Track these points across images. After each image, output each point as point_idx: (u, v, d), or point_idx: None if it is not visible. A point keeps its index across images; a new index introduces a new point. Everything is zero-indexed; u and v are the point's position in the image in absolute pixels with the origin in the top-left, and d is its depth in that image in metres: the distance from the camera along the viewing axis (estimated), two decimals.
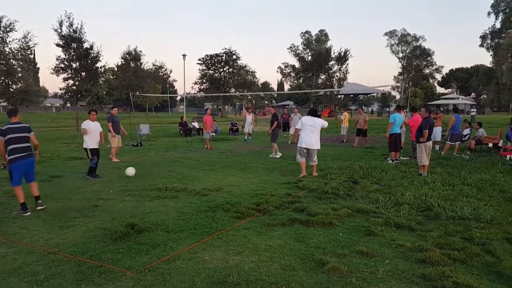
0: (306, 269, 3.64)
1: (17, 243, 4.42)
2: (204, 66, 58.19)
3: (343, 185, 7.21)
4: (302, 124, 8.47)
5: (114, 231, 4.68)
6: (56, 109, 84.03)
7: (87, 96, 38.45)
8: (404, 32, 67.25)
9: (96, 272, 3.59)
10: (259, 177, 8.41)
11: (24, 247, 4.27)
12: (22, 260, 3.92)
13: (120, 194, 6.89)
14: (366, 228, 4.77)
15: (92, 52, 39.30)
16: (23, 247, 4.29)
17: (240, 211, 5.50)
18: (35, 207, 5.86)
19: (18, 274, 3.58)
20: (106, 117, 11.53)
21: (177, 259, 3.89)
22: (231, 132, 22.68)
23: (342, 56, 47.59)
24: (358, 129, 15.27)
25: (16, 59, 38.37)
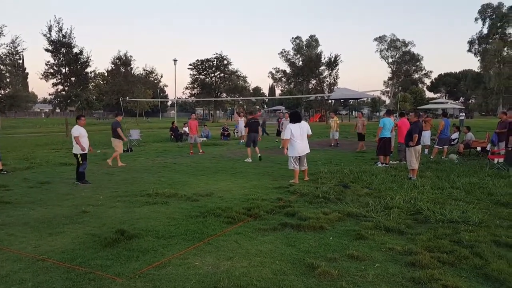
0: (297, 273, 3.65)
1: (5, 250, 4.35)
2: (195, 71, 58.19)
3: (333, 189, 7.25)
4: (292, 133, 8.30)
5: (104, 237, 4.63)
6: (46, 115, 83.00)
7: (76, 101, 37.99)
8: (394, 37, 68.11)
9: (86, 279, 3.54)
10: (250, 182, 8.41)
11: (12, 254, 4.21)
12: (9, 267, 3.85)
13: (110, 200, 6.82)
14: (356, 232, 4.79)
15: (81, 57, 38.96)
16: (11, 254, 4.22)
17: (231, 216, 5.49)
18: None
19: (5, 282, 3.52)
20: (113, 123, 11.57)
21: (167, 265, 3.86)
22: (222, 137, 22.67)
23: (333, 61, 48.09)
24: (358, 133, 15.40)
25: (4, 64, 37.86)
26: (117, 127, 11.42)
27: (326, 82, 50.11)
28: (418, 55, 70.05)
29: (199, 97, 55.23)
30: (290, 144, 8.37)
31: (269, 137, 23.01)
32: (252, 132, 12.53)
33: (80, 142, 8.39)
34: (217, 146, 18.12)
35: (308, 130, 8.50)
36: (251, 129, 12.57)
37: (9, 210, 6.15)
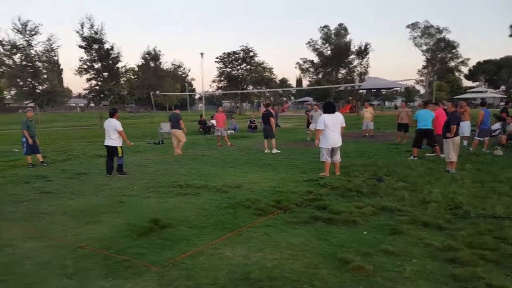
0: (330, 267, 3.60)
1: (48, 237, 4.57)
2: (221, 64, 58.44)
3: (367, 182, 7.07)
4: (325, 124, 8.03)
5: (139, 226, 4.78)
6: (80, 109, 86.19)
7: (109, 95, 39.15)
8: (427, 24, 65.26)
9: (123, 266, 3.67)
10: (279, 175, 8.37)
11: (54, 242, 4.42)
12: (52, 254, 4.05)
13: (144, 190, 7.01)
14: (391, 227, 4.66)
15: (112, 52, 39.97)
16: (53, 241, 4.43)
17: (261, 208, 5.49)
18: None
19: (49, 267, 3.70)
20: (174, 116, 12.51)
21: (200, 255, 3.92)
22: (249, 130, 22.71)
23: (363, 50, 46.76)
24: (399, 123, 14.74)
25: (41, 61, 39.40)
26: (178, 118, 12.31)
27: (357, 72, 48.88)
28: (454, 42, 66.97)
29: (225, 90, 55.51)
30: (323, 135, 8.11)
31: (298, 130, 22.86)
32: (264, 124, 12.59)
33: (118, 135, 8.65)
34: (245, 139, 18.19)
35: (342, 121, 8.26)
36: (263, 121, 12.65)
37: (50, 200, 6.45)
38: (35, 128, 10.57)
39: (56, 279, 3.45)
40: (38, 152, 10.47)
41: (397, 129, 15.01)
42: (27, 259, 3.93)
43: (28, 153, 10.25)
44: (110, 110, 9.21)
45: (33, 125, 10.43)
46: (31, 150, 10.26)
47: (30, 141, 10.09)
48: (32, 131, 10.27)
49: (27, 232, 4.78)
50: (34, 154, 10.35)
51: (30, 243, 4.39)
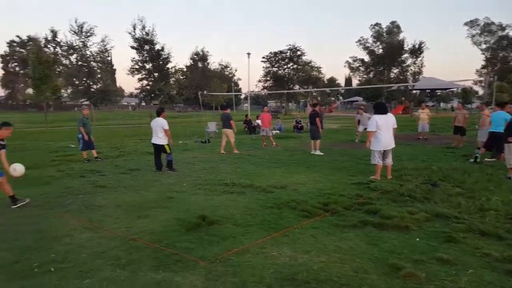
0: (380, 273, 3.47)
1: (102, 229, 4.80)
2: (268, 64, 58.59)
3: (420, 187, 6.74)
4: (377, 125, 7.73)
5: (187, 222, 4.90)
6: (132, 108, 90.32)
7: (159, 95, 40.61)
8: (488, 21, 61.10)
9: (172, 260, 3.78)
10: (326, 176, 8.21)
11: (108, 233, 4.63)
12: (106, 244, 4.25)
13: (192, 187, 7.19)
14: (446, 234, 4.41)
15: (163, 53, 41.40)
16: (107, 233, 4.65)
17: (307, 210, 5.42)
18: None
19: (103, 257, 3.89)
20: (227, 115, 12.89)
21: (246, 253, 3.94)
22: (295, 130, 22.56)
23: (417, 48, 44.75)
24: (456, 126, 13.99)
25: (96, 61, 41.76)
26: (229, 118, 12.69)
27: (410, 71, 46.90)
28: None
29: (271, 89, 55.63)
30: (375, 137, 7.81)
31: (346, 131, 22.38)
32: (310, 125, 12.47)
33: (165, 133, 8.94)
34: (291, 139, 18.08)
35: (394, 123, 7.95)
36: (309, 121, 12.56)
37: (104, 193, 6.79)
38: (90, 125, 11.16)
39: (110, 268, 3.61)
40: (93, 148, 11.06)
41: (453, 132, 14.20)
42: (84, 248, 4.14)
43: (83, 148, 10.84)
44: (158, 109, 9.52)
45: (89, 123, 11.03)
46: (87, 146, 10.84)
47: (85, 138, 10.66)
48: (88, 128, 10.84)
49: (83, 224, 5.04)
50: (89, 149, 10.94)
51: (86, 234, 4.62)
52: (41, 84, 22.23)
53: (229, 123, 12.69)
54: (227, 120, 12.76)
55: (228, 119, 12.75)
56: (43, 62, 22.05)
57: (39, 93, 22.71)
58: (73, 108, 75.92)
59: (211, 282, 3.31)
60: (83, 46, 40.39)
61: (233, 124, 12.72)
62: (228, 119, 12.75)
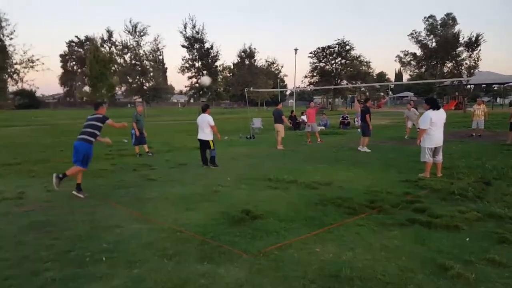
0: (427, 272, 3.36)
1: (151, 221, 5.02)
2: (315, 59, 57.77)
3: (472, 186, 6.41)
4: (432, 121, 7.38)
5: (232, 215, 5.00)
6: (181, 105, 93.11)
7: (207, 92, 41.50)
8: None
9: (217, 252, 3.88)
10: (373, 174, 8.02)
11: (156, 225, 4.83)
12: (154, 236, 4.43)
13: (236, 182, 7.32)
14: (499, 235, 4.18)
15: (212, 51, 42.15)
16: (156, 224, 4.85)
17: (352, 207, 5.33)
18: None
19: (151, 248, 4.05)
20: (276, 111, 13.29)
21: (289, 248, 3.97)
22: (342, 126, 22.14)
23: (473, 41, 42.10)
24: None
25: (148, 60, 43.32)
26: (281, 114, 13.05)
27: (465, 65, 44.26)
28: None
29: (317, 85, 54.82)
30: (427, 134, 7.48)
31: (396, 127, 21.60)
32: (360, 121, 12.27)
33: (211, 129, 9.12)
34: (336, 135, 17.79)
35: (445, 118, 7.65)
36: (360, 117, 12.41)
37: (154, 187, 7.10)
38: (143, 122, 11.68)
39: (157, 259, 3.75)
40: (145, 143, 11.57)
41: (509, 129, 13.33)
42: (133, 239, 4.30)
43: (136, 143, 11.38)
44: (203, 105, 9.76)
45: (142, 119, 11.56)
46: (139, 141, 11.37)
47: (137, 133, 11.19)
48: (141, 124, 11.36)
49: (133, 215, 5.28)
50: (141, 144, 11.46)
51: (135, 225, 4.79)
52: (97, 82, 23.51)
53: (280, 119, 13.00)
54: (278, 116, 13.08)
55: (279, 114, 13.05)
56: (99, 61, 23.31)
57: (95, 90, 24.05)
58: (127, 105, 79.40)
59: (254, 275, 3.37)
60: (136, 45, 42.04)
61: (285, 119, 13.08)
62: (279, 114, 13.05)
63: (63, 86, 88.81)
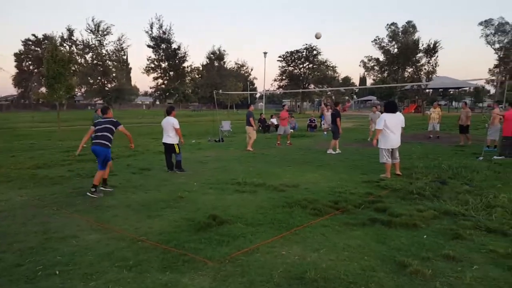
0: (387, 270, 3.49)
1: (110, 230, 4.79)
2: (284, 63, 58.54)
3: (429, 185, 6.74)
4: (385, 123, 7.83)
5: (197, 222, 4.91)
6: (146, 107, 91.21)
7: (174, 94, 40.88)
8: (502, 20, 60.00)
9: (180, 261, 3.77)
10: (338, 175, 8.22)
11: (116, 234, 4.61)
12: (114, 245, 4.23)
13: (203, 187, 7.23)
14: (453, 231, 4.44)
15: (179, 52, 41.55)
16: (115, 233, 4.63)
17: (318, 208, 5.43)
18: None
19: (110, 259, 3.86)
20: (248, 113, 13.37)
21: (256, 252, 3.97)
22: (309, 129, 22.51)
23: (431, 48, 44.30)
24: (460, 125, 14.14)
25: (111, 60, 42.12)
26: (249, 116, 13.07)
27: (424, 70, 46.45)
28: None
29: (286, 88, 55.52)
30: (383, 136, 7.90)
31: (360, 129, 22.19)
32: (331, 124, 12.46)
33: (176, 133, 8.88)
34: (304, 138, 18.07)
35: (402, 122, 8.00)
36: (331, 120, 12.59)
37: (114, 193, 6.78)
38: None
39: (117, 270, 3.59)
40: None
41: (460, 131, 14.24)
42: (90, 250, 4.09)
43: None
44: (168, 108, 9.39)
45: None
46: None
47: None
48: None
49: (91, 224, 4.97)
50: None
51: (93, 235, 4.57)
52: (55, 82, 22.51)
53: (248, 121, 13.08)
54: (247, 118, 13.19)
55: (248, 116, 13.17)
56: (57, 61, 22.33)
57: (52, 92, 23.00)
58: (86, 107, 76.66)
59: (218, 283, 3.33)
60: (99, 44, 40.82)
61: (252, 121, 13.05)
62: (248, 116, 13.17)
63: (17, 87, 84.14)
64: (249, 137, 13.18)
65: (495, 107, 13.07)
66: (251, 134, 13.14)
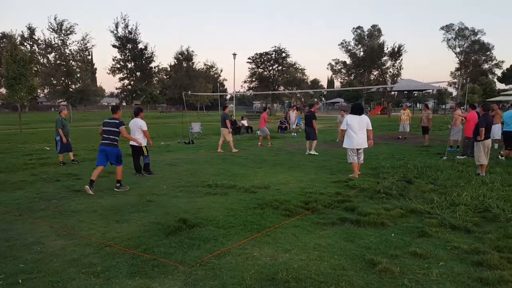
0: (357, 269, 3.56)
1: (76, 235, 4.63)
2: (253, 65, 58.75)
3: (396, 184, 6.95)
4: (348, 124, 8.16)
5: (167, 225, 4.82)
6: None
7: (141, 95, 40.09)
8: (462, 26, 63.16)
9: (150, 266, 3.69)
10: (308, 176, 8.33)
11: (82, 240, 4.46)
12: (80, 251, 4.09)
13: (173, 190, 7.12)
14: (420, 229, 4.59)
15: (146, 52, 40.81)
16: (81, 239, 4.48)
17: (289, 209, 5.48)
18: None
19: (77, 265, 3.73)
20: (223, 115, 13.38)
21: (227, 255, 3.94)
22: (280, 130, 22.69)
23: (396, 51, 45.87)
24: (423, 127, 14.74)
25: (75, 60, 40.62)
26: (225, 118, 13.06)
27: (389, 73, 48.00)
28: (489, 44, 64.47)
29: (257, 90, 55.74)
30: (347, 136, 8.21)
31: (329, 131, 22.61)
32: (306, 126, 12.54)
33: (143, 135, 8.73)
34: (275, 139, 18.16)
35: (368, 124, 8.24)
36: (305, 123, 12.65)
37: (80, 198, 6.55)
38: (69, 127, 10.81)
39: (83, 277, 3.48)
40: (71, 151, 10.77)
41: (422, 132, 14.93)
42: (55, 256, 3.95)
43: (61, 151, 10.43)
44: (135, 109, 9.27)
45: (67, 124, 10.68)
46: (65, 149, 10.50)
47: (64, 140, 10.31)
48: (66, 130, 10.48)
49: (56, 230, 4.83)
50: (67, 152, 10.61)
51: (58, 241, 4.42)
52: (15, 83, 21.50)
53: (224, 123, 13.07)
54: (222, 119, 13.18)
55: (223, 118, 13.20)
56: (17, 61, 21.35)
57: (13, 93, 21.95)
58: (50, 108, 73.80)
59: (189, 287, 3.27)
60: (62, 44, 39.30)
61: (228, 124, 13.08)
62: (223, 118, 13.20)
63: None
64: (225, 139, 13.13)
65: (457, 108, 13.65)
66: (226, 136, 13.10)
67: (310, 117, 12.38)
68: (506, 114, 10.47)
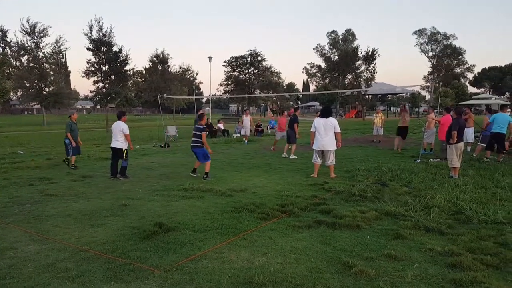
0: (333, 271, 3.60)
1: (51, 240, 4.56)
2: (229, 68, 58.70)
3: (371, 187, 7.09)
4: (315, 126, 8.54)
5: (143, 230, 4.77)
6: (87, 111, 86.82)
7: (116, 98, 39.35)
8: (434, 30, 65.28)
9: (125, 270, 3.66)
10: (284, 179, 8.39)
11: (57, 244, 4.40)
12: (55, 256, 4.03)
13: (149, 193, 7.03)
14: (394, 232, 4.67)
15: (121, 55, 40.22)
16: (56, 244, 4.41)
17: (265, 212, 5.50)
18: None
19: (51, 270, 3.68)
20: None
21: (203, 259, 3.92)
22: (256, 133, 22.73)
23: (370, 55, 46.90)
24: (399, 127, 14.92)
25: (49, 63, 39.61)
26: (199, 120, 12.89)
27: (363, 77, 49.00)
28: (460, 49, 66.92)
29: (233, 93, 55.68)
30: (315, 138, 8.64)
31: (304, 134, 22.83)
32: (288, 128, 12.60)
33: (125, 138, 8.69)
34: (251, 142, 18.20)
35: (335, 126, 8.44)
36: (288, 126, 12.69)
37: (54, 202, 6.42)
38: (78, 131, 10.83)
39: (59, 282, 3.42)
40: (79, 153, 10.96)
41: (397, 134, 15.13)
42: (29, 262, 3.88)
43: (74, 154, 10.48)
44: (118, 112, 9.27)
45: (76, 128, 10.73)
46: (77, 151, 10.60)
47: (73, 144, 10.38)
48: (75, 133, 10.58)
49: (30, 235, 4.75)
50: (79, 155, 10.85)
51: (32, 246, 4.35)
52: None
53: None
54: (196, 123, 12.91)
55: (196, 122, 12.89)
56: None
57: None
58: (23, 112, 72.12)
59: None
60: (35, 47, 38.19)
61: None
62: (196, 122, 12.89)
63: None
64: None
65: (430, 112, 13.95)
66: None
67: (293, 120, 12.46)
68: (500, 117, 10.52)
